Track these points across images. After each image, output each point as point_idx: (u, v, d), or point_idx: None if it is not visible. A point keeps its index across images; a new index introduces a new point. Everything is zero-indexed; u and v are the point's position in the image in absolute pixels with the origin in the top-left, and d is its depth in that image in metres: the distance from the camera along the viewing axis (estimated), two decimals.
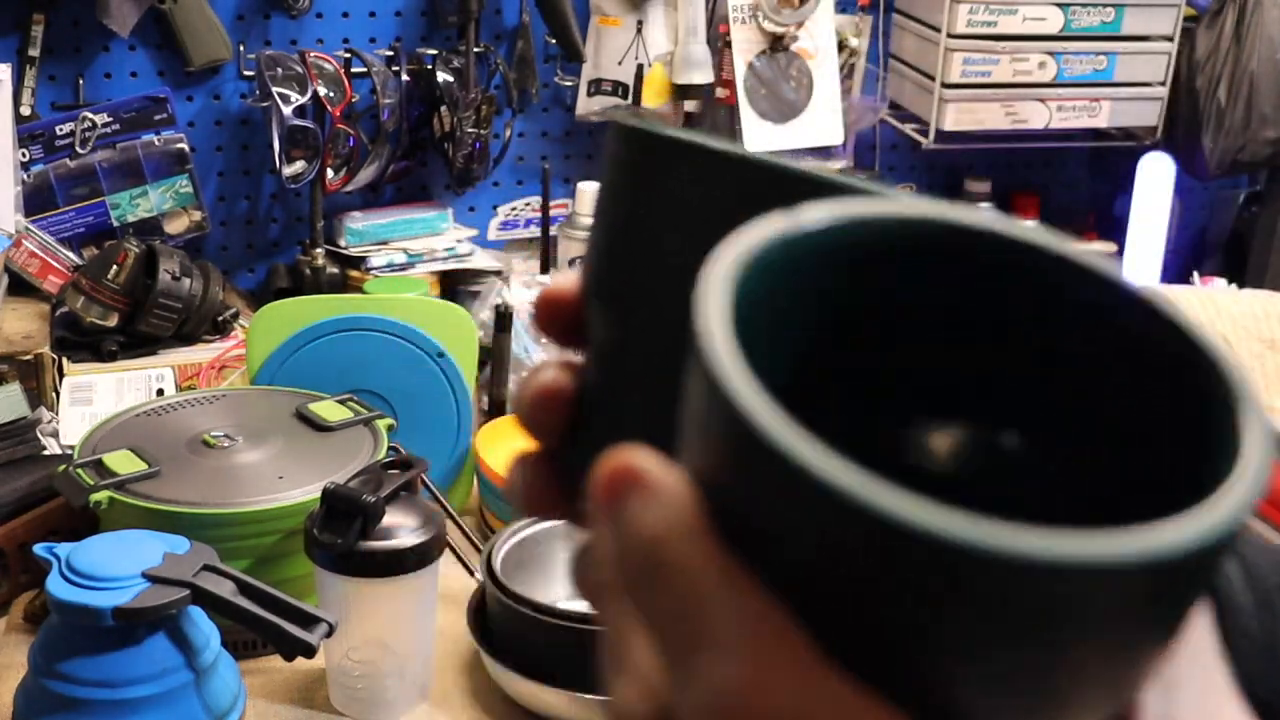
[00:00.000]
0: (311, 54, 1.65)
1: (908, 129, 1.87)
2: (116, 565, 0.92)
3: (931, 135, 1.81)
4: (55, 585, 0.92)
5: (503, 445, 1.32)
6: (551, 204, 1.72)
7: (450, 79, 1.69)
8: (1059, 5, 1.78)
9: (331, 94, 1.63)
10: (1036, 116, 1.82)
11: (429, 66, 1.70)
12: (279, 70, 1.63)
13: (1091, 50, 1.81)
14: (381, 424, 1.22)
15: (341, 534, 0.99)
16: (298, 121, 1.61)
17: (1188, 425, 0.26)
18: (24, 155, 1.59)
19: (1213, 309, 1.49)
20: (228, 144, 1.74)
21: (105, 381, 1.45)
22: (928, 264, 0.28)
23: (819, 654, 0.23)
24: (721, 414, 0.23)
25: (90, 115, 1.62)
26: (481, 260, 1.74)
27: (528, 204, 1.86)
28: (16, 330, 1.47)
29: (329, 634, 0.93)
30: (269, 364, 1.32)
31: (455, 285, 1.73)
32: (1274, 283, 1.90)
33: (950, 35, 1.75)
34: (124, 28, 1.60)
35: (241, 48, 1.68)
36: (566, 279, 0.35)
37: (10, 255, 1.54)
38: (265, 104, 1.64)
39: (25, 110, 1.61)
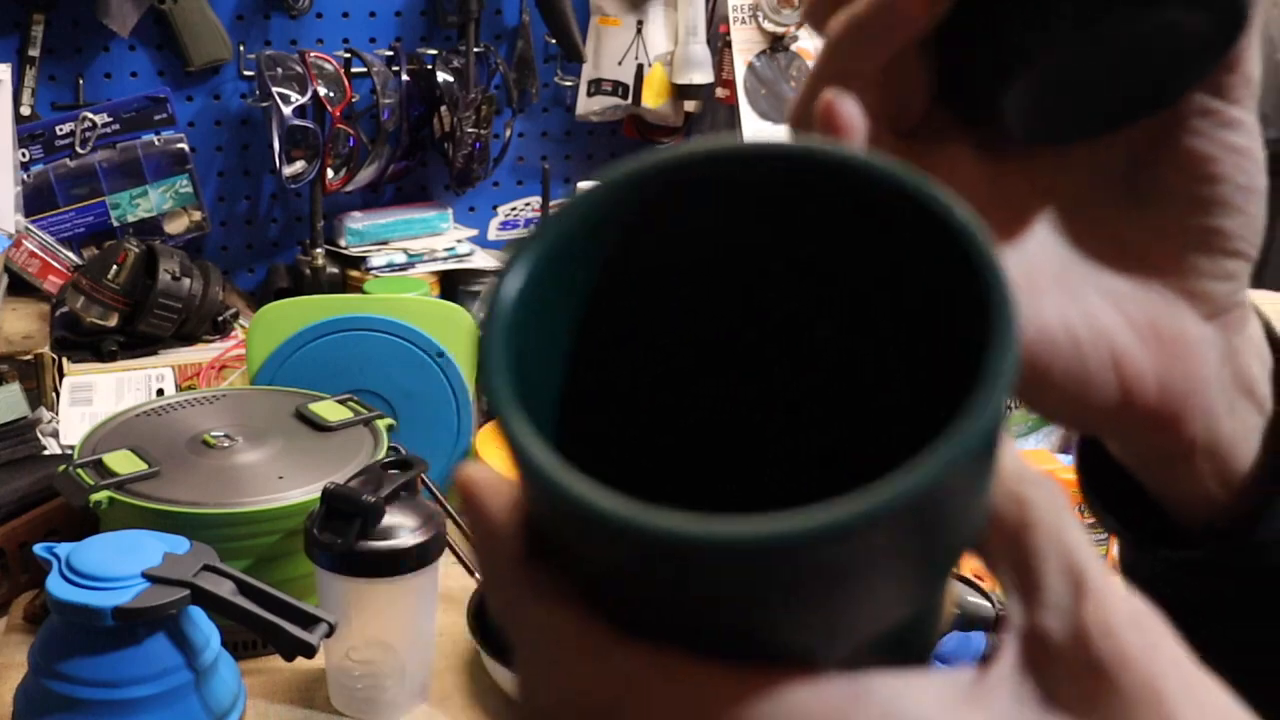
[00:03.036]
0: (311, 54, 1.65)
1: None
2: (116, 565, 0.92)
3: None
4: (55, 585, 0.91)
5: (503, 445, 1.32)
6: (551, 204, 1.72)
7: (450, 79, 1.69)
8: None
9: (331, 94, 1.63)
10: None
11: (429, 66, 1.70)
12: (279, 70, 1.63)
13: None
14: (381, 424, 1.22)
15: (341, 534, 0.99)
16: (298, 121, 1.61)
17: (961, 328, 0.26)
18: (24, 155, 1.59)
19: None
20: (228, 144, 1.74)
21: (105, 381, 1.45)
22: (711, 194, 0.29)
23: (618, 636, 0.27)
24: (517, 459, 0.27)
25: (90, 115, 1.62)
26: (481, 260, 1.74)
27: (528, 204, 1.86)
28: (16, 330, 1.47)
29: (329, 634, 0.93)
30: (269, 364, 1.32)
31: (455, 285, 1.73)
32: (1274, 283, 1.90)
33: None
34: (124, 28, 1.60)
35: (241, 48, 1.68)
36: None
37: (10, 255, 1.54)
38: (265, 104, 1.64)
39: (25, 110, 1.61)
